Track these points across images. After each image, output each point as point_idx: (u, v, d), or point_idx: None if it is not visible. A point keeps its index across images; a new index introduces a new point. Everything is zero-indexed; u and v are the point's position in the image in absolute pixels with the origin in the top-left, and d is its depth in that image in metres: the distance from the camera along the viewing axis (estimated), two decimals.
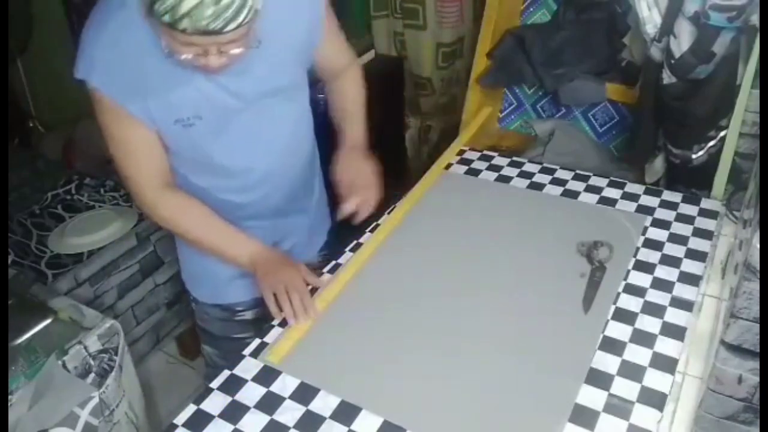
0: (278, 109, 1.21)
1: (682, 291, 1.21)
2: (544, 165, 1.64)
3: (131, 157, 1.13)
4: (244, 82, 1.11)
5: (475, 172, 1.63)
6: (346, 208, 1.22)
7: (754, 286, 0.78)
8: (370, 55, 2.37)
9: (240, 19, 0.89)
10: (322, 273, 1.32)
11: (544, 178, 1.58)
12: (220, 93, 1.10)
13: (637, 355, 1.08)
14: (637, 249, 1.32)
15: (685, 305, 1.18)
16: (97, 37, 1.02)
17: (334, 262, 1.35)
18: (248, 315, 1.40)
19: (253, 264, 1.21)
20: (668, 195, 1.49)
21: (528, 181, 1.58)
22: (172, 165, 1.19)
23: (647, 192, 1.51)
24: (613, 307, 1.18)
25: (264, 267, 1.19)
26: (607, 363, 1.07)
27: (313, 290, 1.24)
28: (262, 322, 1.31)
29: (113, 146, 1.13)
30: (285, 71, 1.19)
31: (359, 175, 1.26)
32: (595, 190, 1.53)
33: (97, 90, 1.05)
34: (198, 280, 1.41)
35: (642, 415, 0.98)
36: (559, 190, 1.54)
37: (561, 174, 1.59)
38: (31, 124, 3.07)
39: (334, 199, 1.37)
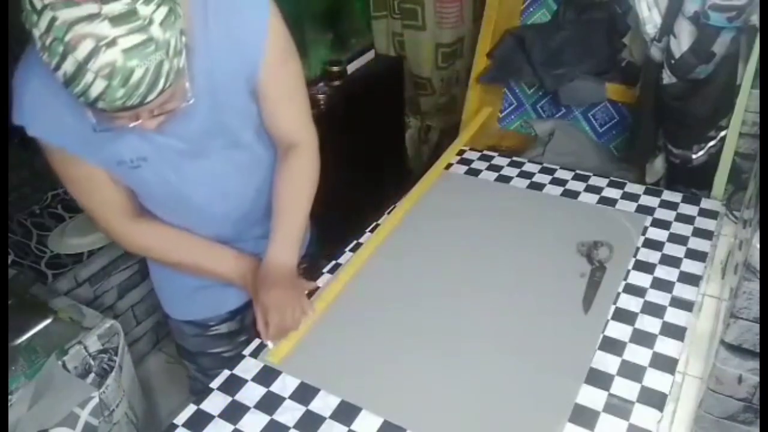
0: (228, 153, 1.12)
1: (682, 291, 1.21)
2: (544, 165, 1.64)
3: (91, 195, 1.09)
4: (186, 124, 1.02)
5: (475, 172, 1.63)
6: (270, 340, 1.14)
7: (754, 286, 0.78)
8: (370, 55, 2.37)
9: (158, 88, 0.82)
10: (322, 273, 1.32)
11: (544, 178, 1.58)
12: (162, 137, 1.02)
13: (637, 355, 1.08)
14: (637, 249, 1.32)
15: (685, 305, 1.18)
16: (27, 83, 0.98)
17: (334, 262, 1.35)
18: (222, 329, 1.33)
19: (243, 279, 1.16)
20: (668, 195, 1.49)
21: (528, 181, 1.58)
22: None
23: (647, 192, 1.51)
24: (613, 307, 1.18)
25: (251, 284, 1.14)
26: (607, 363, 1.07)
27: (311, 292, 1.24)
28: (237, 335, 1.32)
29: (70, 187, 1.09)
30: (230, 109, 1.07)
31: (283, 308, 1.12)
32: (595, 190, 1.53)
33: (35, 136, 1.01)
34: (169, 297, 1.34)
35: (642, 415, 0.98)
36: (559, 190, 1.54)
37: (561, 174, 1.59)
38: None
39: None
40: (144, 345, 2.05)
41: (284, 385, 1.07)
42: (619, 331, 1.13)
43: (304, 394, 1.05)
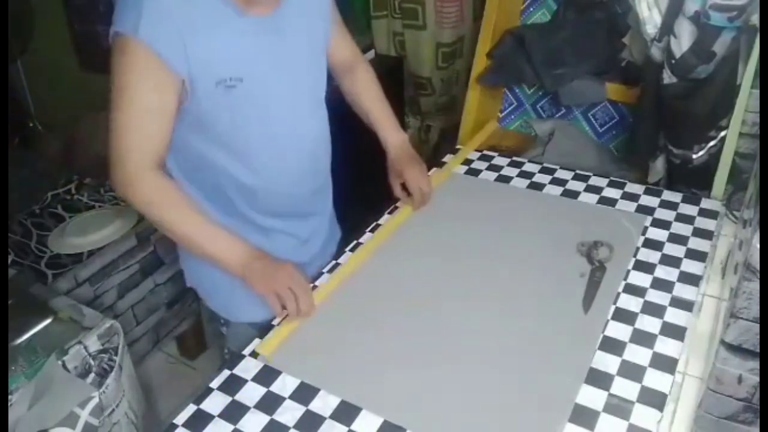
0: (310, 106, 1.27)
1: (682, 291, 1.21)
2: (544, 165, 1.64)
3: (140, 130, 1.08)
4: (284, 47, 1.17)
5: (475, 172, 1.63)
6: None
7: (754, 286, 0.78)
8: (370, 55, 2.37)
9: None
10: (322, 273, 1.32)
11: (544, 178, 1.58)
12: (264, 55, 1.13)
13: (637, 355, 1.08)
14: (637, 249, 1.32)
15: (685, 305, 1.18)
16: None
17: (333, 262, 1.35)
18: None
19: (243, 267, 1.14)
20: (668, 195, 1.49)
21: (528, 181, 1.58)
22: (191, 142, 1.16)
23: (647, 192, 1.51)
24: (613, 307, 1.18)
25: (257, 271, 1.14)
26: (607, 363, 1.07)
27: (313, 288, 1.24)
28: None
29: (123, 107, 1.06)
30: (317, 56, 1.28)
31: (418, 180, 1.42)
32: (595, 190, 1.53)
33: (138, 42, 1.02)
34: (231, 298, 1.31)
35: (642, 415, 0.98)
36: (559, 190, 1.54)
37: (561, 174, 1.59)
38: (31, 124, 3.07)
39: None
40: (144, 345, 2.05)
41: (284, 385, 1.07)
42: (619, 331, 1.13)
43: (304, 394, 1.05)
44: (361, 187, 2.04)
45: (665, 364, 1.06)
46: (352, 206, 1.54)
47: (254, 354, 1.14)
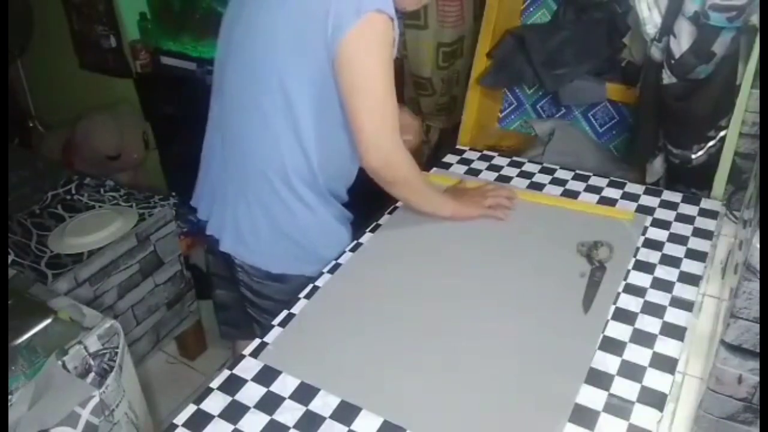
0: None
1: (682, 291, 1.21)
2: (544, 165, 1.64)
3: (392, 97, 1.17)
4: None
5: (475, 172, 1.63)
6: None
7: (754, 286, 0.78)
8: None
9: None
10: (322, 273, 1.32)
11: (544, 178, 1.58)
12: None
13: (637, 355, 1.08)
14: (637, 249, 1.32)
15: (685, 305, 1.18)
16: None
17: (334, 262, 1.35)
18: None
19: (453, 210, 1.39)
20: (668, 195, 1.49)
21: (528, 181, 1.58)
22: None
23: (647, 192, 1.51)
24: (613, 307, 1.18)
25: (461, 207, 1.40)
26: (607, 363, 1.07)
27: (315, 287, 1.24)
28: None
29: (386, 83, 1.16)
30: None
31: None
32: (595, 190, 1.53)
33: (389, 18, 1.13)
34: (327, 245, 1.38)
35: (642, 415, 0.98)
36: (559, 190, 1.54)
37: (561, 174, 1.60)
38: (31, 124, 3.07)
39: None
40: (144, 345, 2.05)
41: (284, 385, 1.07)
42: (619, 331, 1.13)
43: (304, 394, 1.05)
44: (361, 186, 2.04)
45: (665, 364, 1.06)
46: (352, 206, 1.54)
47: (254, 354, 1.14)
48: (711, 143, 1.47)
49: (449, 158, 1.71)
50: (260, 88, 1.23)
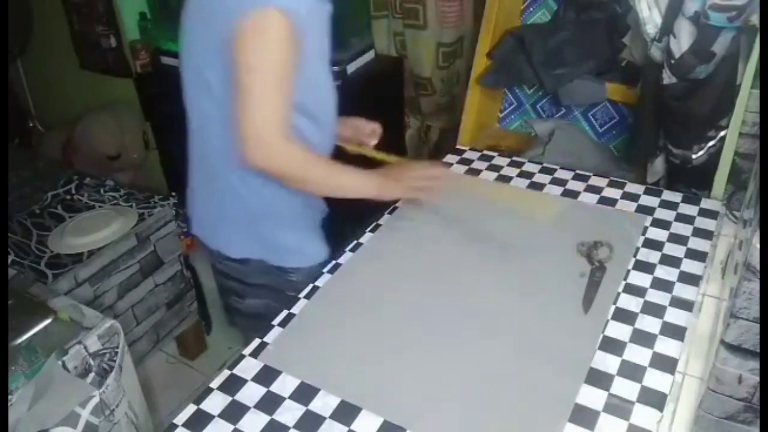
0: None
1: (682, 291, 1.21)
2: (544, 165, 1.64)
3: (277, 93, 1.13)
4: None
5: (475, 172, 1.63)
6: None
7: (754, 286, 0.78)
8: (370, 55, 2.37)
9: None
10: (322, 273, 1.32)
11: (544, 178, 1.58)
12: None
13: (637, 355, 1.08)
14: (637, 249, 1.32)
15: (685, 305, 1.18)
16: None
17: (334, 262, 1.35)
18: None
19: (378, 188, 1.29)
20: (668, 195, 1.49)
21: (528, 181, 1.58)
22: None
23: (647, 192, 1.51)
24: (613, 307, 1.18)
25: (388, 184, 1.30)
26: (607, 363, 1.07)
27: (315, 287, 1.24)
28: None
29: (264, 79, 1.12)
30: None
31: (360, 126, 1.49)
32: (595, 190, 1.53)
33: (274, 11, 1.08)
34: (314, 241, 1.40)
35: (642, 415, 0.98)
36: (559, 190, 1.54)
37: (561, 174, 1.59)
38: (31, 124, 3.07)
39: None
40: (144, 345, 2.05)
41: (284, 385, 1.07)
42: (619, 331, 1.13)
43: (304, 394, 1.05)
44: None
45: (665, 364, 1.06)
46: (352, 206, 1.54)
47: (254, 354, 1.14)
48: (711, 143, 1.47)
49: (449, 158, 1.71)
50: (194, 84, 1.26)
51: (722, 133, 1.44)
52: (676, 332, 1.12)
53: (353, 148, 1.47)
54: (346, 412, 1.01)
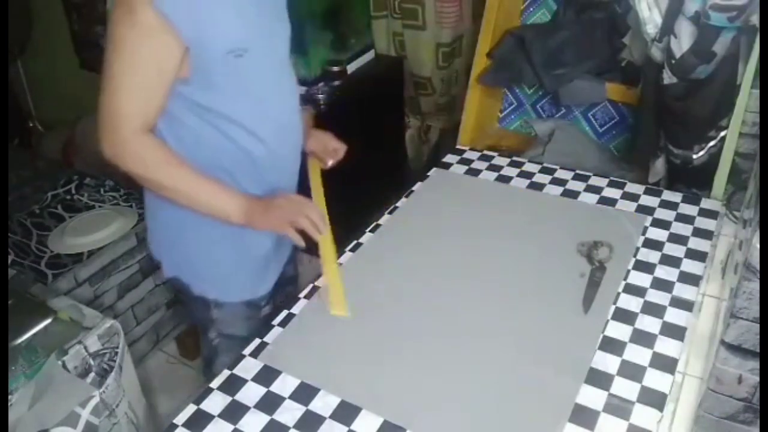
0: (287, 59, 1.27)
1: (682, 291, 1.21)
2: (544, 165, 1.64)
3: (137, 87, 1.08)
4: (282, 25, 1.23)
5: (475, 172, 1.63)
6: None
7: (754, 286, 0.78)
8: (370, 55, 2.37)
9: None
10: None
11: (544, 178, 1.58)
12: (264, 25, 1.16)
13: (637, 355, 1.08)
14: (637, 249, 1.32)
15: (685, 305, 1.18)
16: None
17: None
18: (267, 309, 1.39)
19: (245, 214, 1.16)
20: (668, 195, 1.49)
21: (528, 181, 1.58)
22: (192, 118, 1.15)
23: (647, 192, 1.51)
24: (613, 307, 1.18)
25: (260, 212, 1.16)
26: (607, 363, 1.07)
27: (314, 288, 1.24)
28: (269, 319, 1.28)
29: (124, 69, 1.06)
30: (284, 18, 1.26)
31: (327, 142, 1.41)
32: (595, 190, 1.53)
33: (146, 2, 1.01)
34: (228, 278, 1.32)
35: (642, 415, 0.98)
36: (559, 190, 1.54)
37: (561, 174, 1.59)
38: (31, 124, 3.07)
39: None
40: (144, 345, 2.04)
41: (284, 385, 1.07)
42: (619, 331, 1.13)
43: (304, 394, 1.05)
44: (361, 186, 2.05)
45: (665, 364, 1.06)
46: (352, 206, 1.54)
47: (254, 354, 1.14)
48: (712, 143, 1.47)
49: (449, 158, 1.71)
50: None
51: (722, 133, 1.44)
52: (676, 332, 1.12)
53: (310, 162, 1.41)
54: (346, 412, 1.01)
